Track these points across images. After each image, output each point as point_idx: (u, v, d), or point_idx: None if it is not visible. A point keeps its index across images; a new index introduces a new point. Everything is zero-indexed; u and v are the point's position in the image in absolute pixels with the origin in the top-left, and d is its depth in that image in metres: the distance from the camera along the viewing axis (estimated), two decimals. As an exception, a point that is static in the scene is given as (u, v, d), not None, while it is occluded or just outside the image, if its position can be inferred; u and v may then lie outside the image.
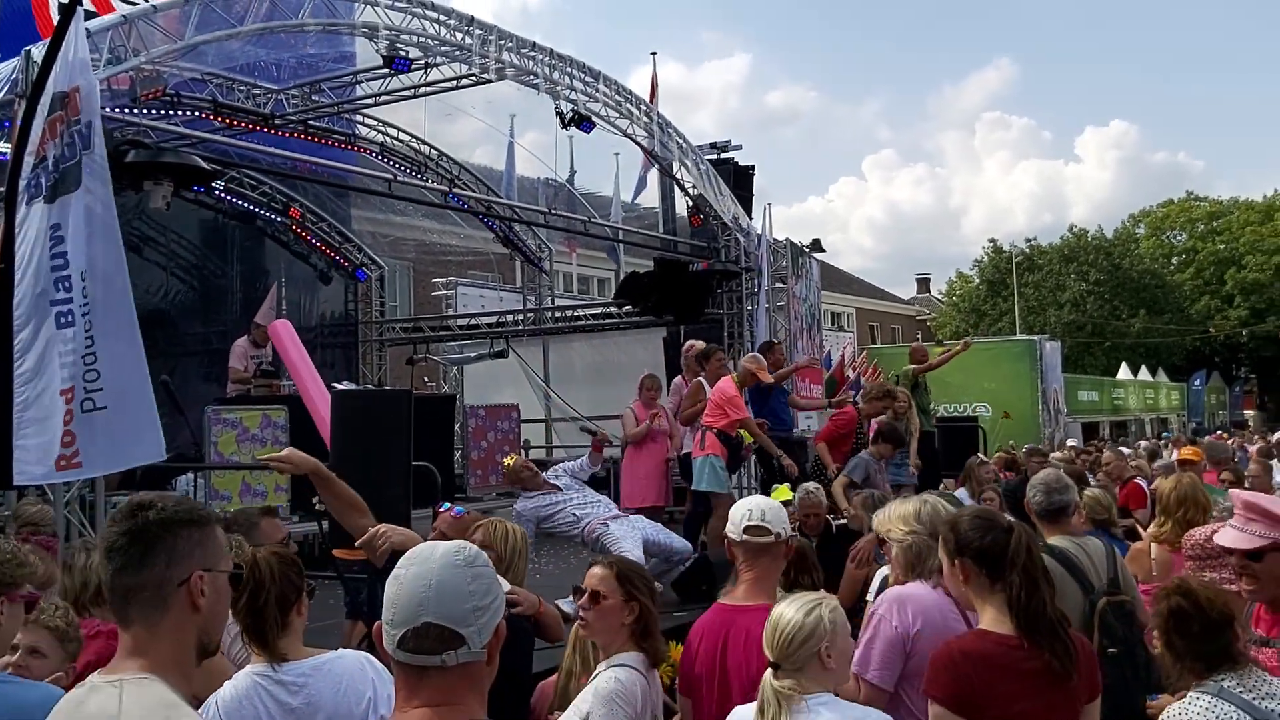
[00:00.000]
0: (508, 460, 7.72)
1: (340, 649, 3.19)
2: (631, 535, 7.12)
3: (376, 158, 14.54)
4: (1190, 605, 2.99)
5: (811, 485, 6.97)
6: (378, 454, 6.48)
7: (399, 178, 12.74)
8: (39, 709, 2.15)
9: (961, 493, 8.43)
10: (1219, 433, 26.72)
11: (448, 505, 4.95)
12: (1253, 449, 14.89)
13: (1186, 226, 55.83)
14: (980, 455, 12.21)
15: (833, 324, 39.47)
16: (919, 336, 41.42)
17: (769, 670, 2.92)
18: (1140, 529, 7.88)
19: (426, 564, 1.87)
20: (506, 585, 2.81)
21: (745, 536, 3.68)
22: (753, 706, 2.97)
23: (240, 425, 10.12)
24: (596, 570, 3.63)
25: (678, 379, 10.23)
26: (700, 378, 9.26)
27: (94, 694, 1.94)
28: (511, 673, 3.16)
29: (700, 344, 9.94)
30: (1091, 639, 4.48)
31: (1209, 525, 4.81)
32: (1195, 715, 2.91)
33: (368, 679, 2.96)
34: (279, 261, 16.08)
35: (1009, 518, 3.19)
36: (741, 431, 8.44)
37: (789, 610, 2.98)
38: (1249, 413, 49.40)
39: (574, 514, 7.32)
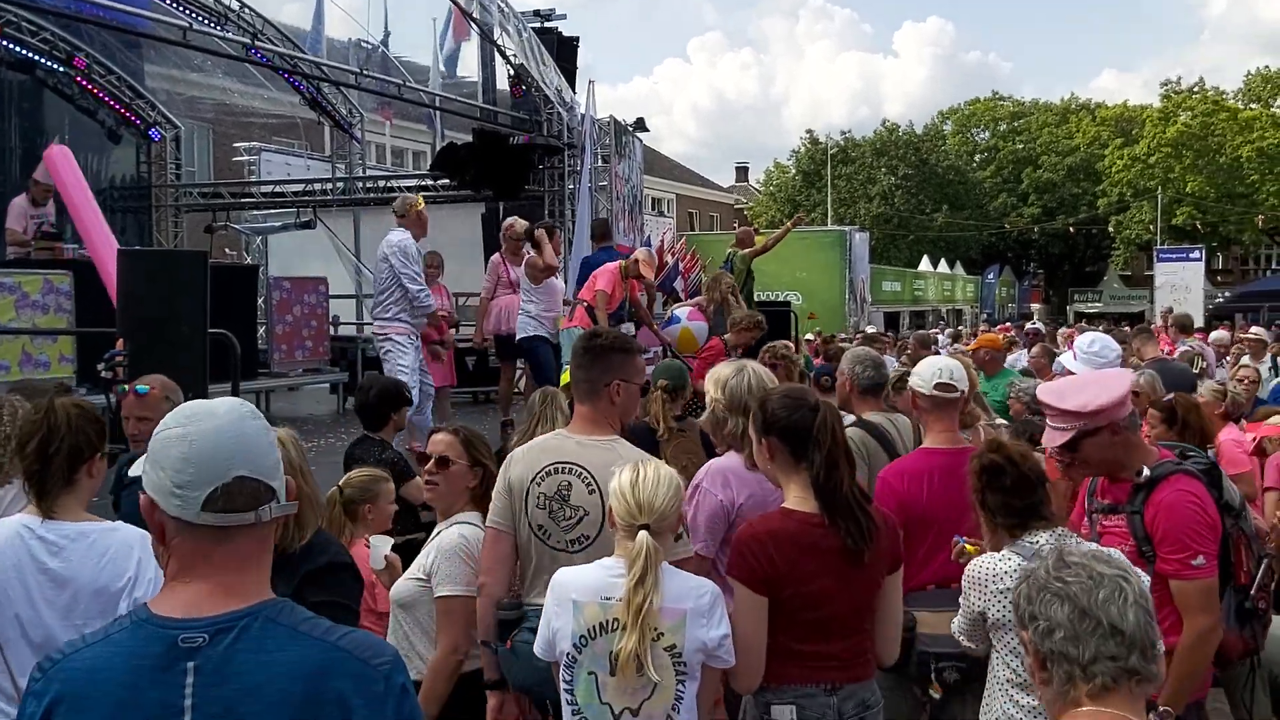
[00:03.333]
0: None
1: (119, 523, 2.94)
2: None
3: (171, 4, 13.35)
4: (1003, 460, 3.14)
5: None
6: (169, 321, 6.02)
7: (194, 27, 11.74)
8: None
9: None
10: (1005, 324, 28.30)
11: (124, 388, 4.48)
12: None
13: (990, 125, 58.30)
14: (787, 342, 12.49)
15: (653, 209, 39.55)
16: (736, 225, 42.03)
17: (644, 531, 2.82)
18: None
19: (216, 418, 1.67)
20: None
21: (935, 392, 4.02)
22: (574, 570, 2.96)
23: (19, 290, 9.27)
24: (442, 436, 3.68)
25: (495, 256, 9.96)
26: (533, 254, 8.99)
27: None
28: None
29: (521, 221, 9.67)
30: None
31: None
32: (1006, 574, 3.03)
33: (134, 558, 2.77)
34: (62, 116, 14.78)
35: (817, 396, 3.18)
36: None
37: (664, 474, 2.93)
38: (1035, 306, 52.76)
39: None
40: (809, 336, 13.77)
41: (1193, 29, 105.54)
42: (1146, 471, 3.13)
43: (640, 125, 15.99)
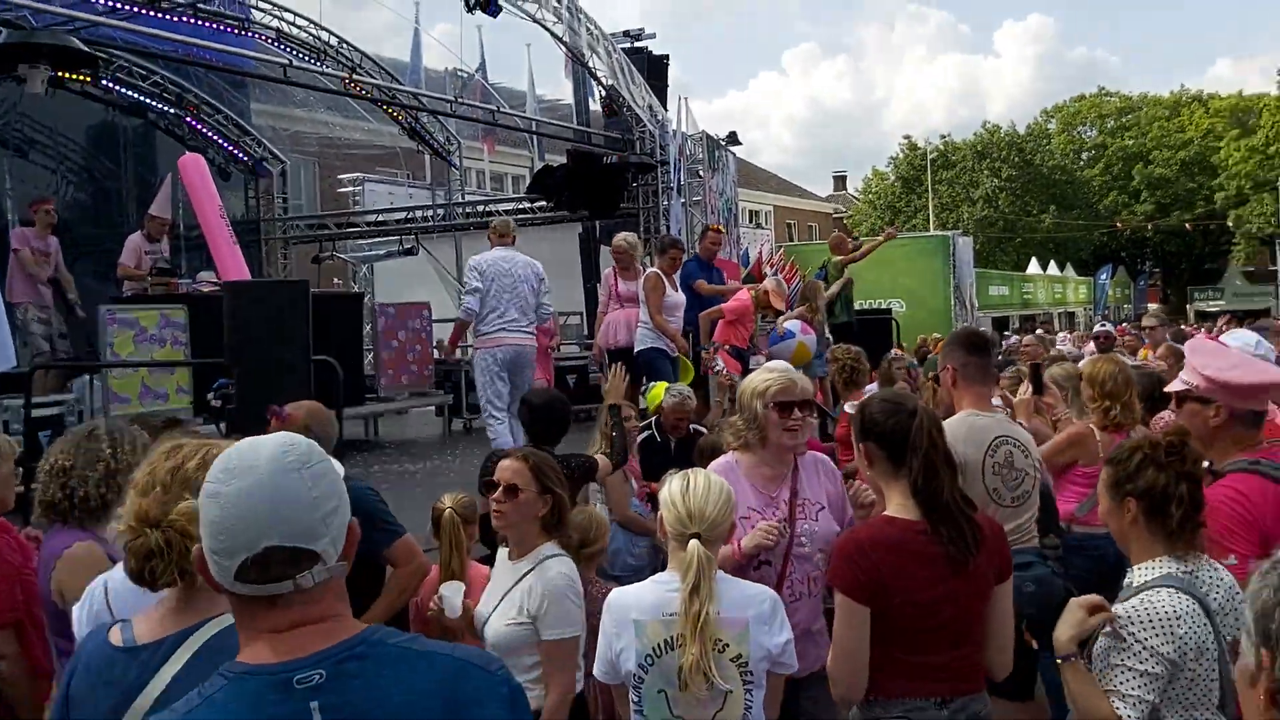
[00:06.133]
0: None
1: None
2: None
3: (272, 43, 13.84)
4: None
5: (687, 390, 6.86)
6: (275, 349, 6.18)
7: (294, 64, 12.14)
8: None
9: (872, 387, 8.45)
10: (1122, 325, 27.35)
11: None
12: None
13: (1097, 122, 56.65)
14: (896, 350, 12.31)
15: (750, 221, 39.41)
16: (834, 233, 41.61)
17: (694, 541, 2.81)
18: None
19: (253, 474, 1.52)
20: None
21: None
22: (631, 589, 2.94)
23: (137, 325, 9.65)
24: (509, 463, 3.48)
25: (607, 271, 9.98)
26: (655, 269, 9.01)
27: None
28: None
29: (631, 236, 9.69)
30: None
31: None
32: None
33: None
34: (173, 157, 15.28)
35: (917, 401, 3.09)
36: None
37: (714, 483, 2.94)
38: (1152, 306, 50.87)
39: None
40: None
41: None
42: (1206, 464, 2.94)
43: (733, 139, 15.96)
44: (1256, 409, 3.13)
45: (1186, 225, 49.13)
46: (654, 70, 14.15)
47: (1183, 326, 23.62)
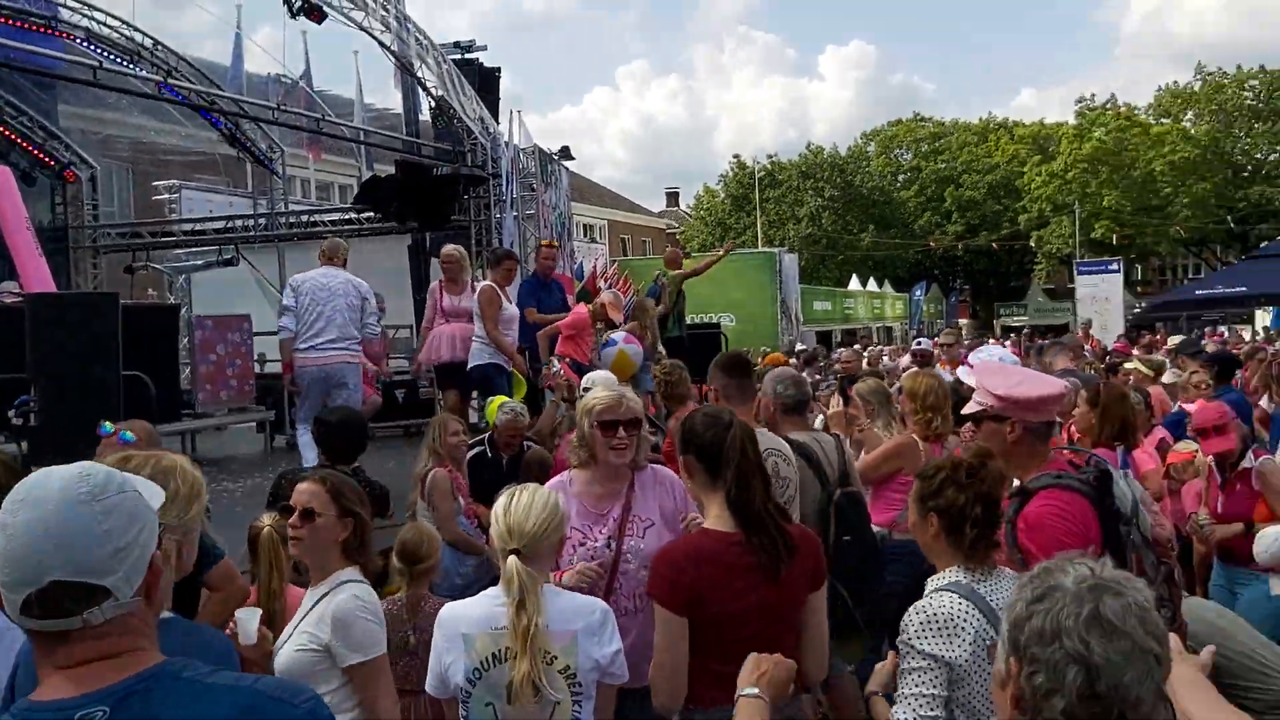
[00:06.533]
0: None
1: None
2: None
3: (82, 43, 13.12)
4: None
5: (519, 407, 6.88)
6: (82, 364, 5.88)
7: (105, 66, 11.55)
8: None
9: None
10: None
11: (108, 428, 4.13)
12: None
13: (912, 146, 59.48)
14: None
15: (584, 235, 39.61)
16: (669, 249, 42.23)
17: (513, 557, 2.82)
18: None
19: (40, 506, 1.47)
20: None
21: None
22: (463, 604, 2.94)
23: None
24: (305, 486, 3.28)
25: (433, 285, 9.83)
26: (490, 283, 8.88)
27: None
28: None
29: (458, 249, 9.57)
30: (829, 529, 4.69)
31: None
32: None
33: None
34: (-28, 160, 14.37)
35: (733, 414, 3.17)
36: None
37: (538, 499, 2.93)
38: (963, 321, 53.62)
39: None
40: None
41: (1107, 47, 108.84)
42: (1016, 482, 3.12)
43: (566, 153, 16.02)
44: (1047, 421, 3.31)
45: (993, 245, 52.03)
46: (485, 82, 14.08)
47: (990, 341, 25.00)
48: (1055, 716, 1.55)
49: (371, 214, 14.30)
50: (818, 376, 12.47)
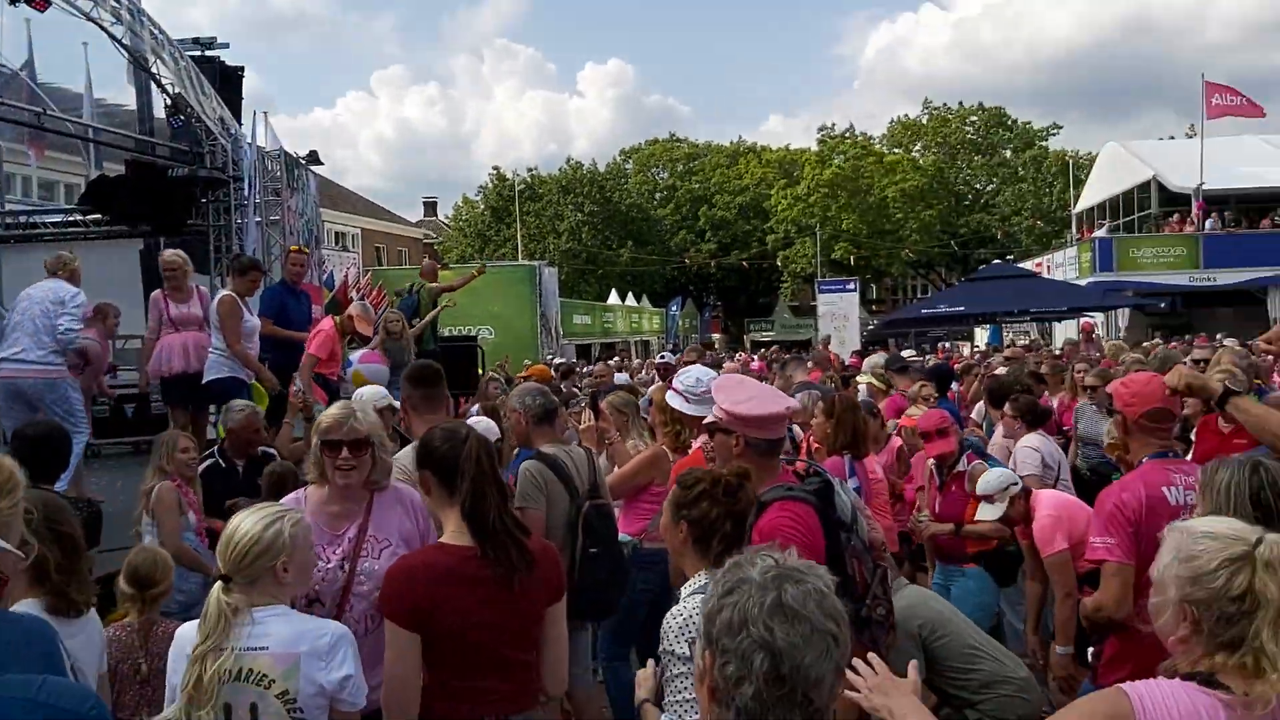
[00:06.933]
0: None
1: None
2: None
3: None
4: None
5: (250, 404, 6.60)
6: None
7: None
8: None
9: (476, 409, 8.49)
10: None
11: None
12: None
13: (669, 165, 61.33)
14: (490, 371, 12.54)
15: (336, 243, 38.35)
16: (426, 260, 41.57)
17: (218, 583, 2.73)
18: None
19: None
20: None
21: None
22: (195, 624, 2.81)
23: None
24: None
25: (155, 294, 9.21)
26: (230, 293, 8.33)
27: None
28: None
29: (179, 254, 9.00)
30: (577, 541, 4.71)
31: None
32: None
33: None
34: None
35: (470, 429, 3.15)
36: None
37: (247, 522, 2.82)
38: (715, 335, 55.62)
39: None
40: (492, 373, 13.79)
41: (847, 78, 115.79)
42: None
43: (314, 158, 15.44)
44: (769, 438, 3.45)
45: (744, 263, 54.33)
46: (227, 81, 13.37)
47: (740, 355, 26.03)
48: (746, 704, 1.62)
49: (99, 215, 13.30)
50: (575, 389, 12.58)
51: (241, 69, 13.80)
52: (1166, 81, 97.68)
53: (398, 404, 5.80)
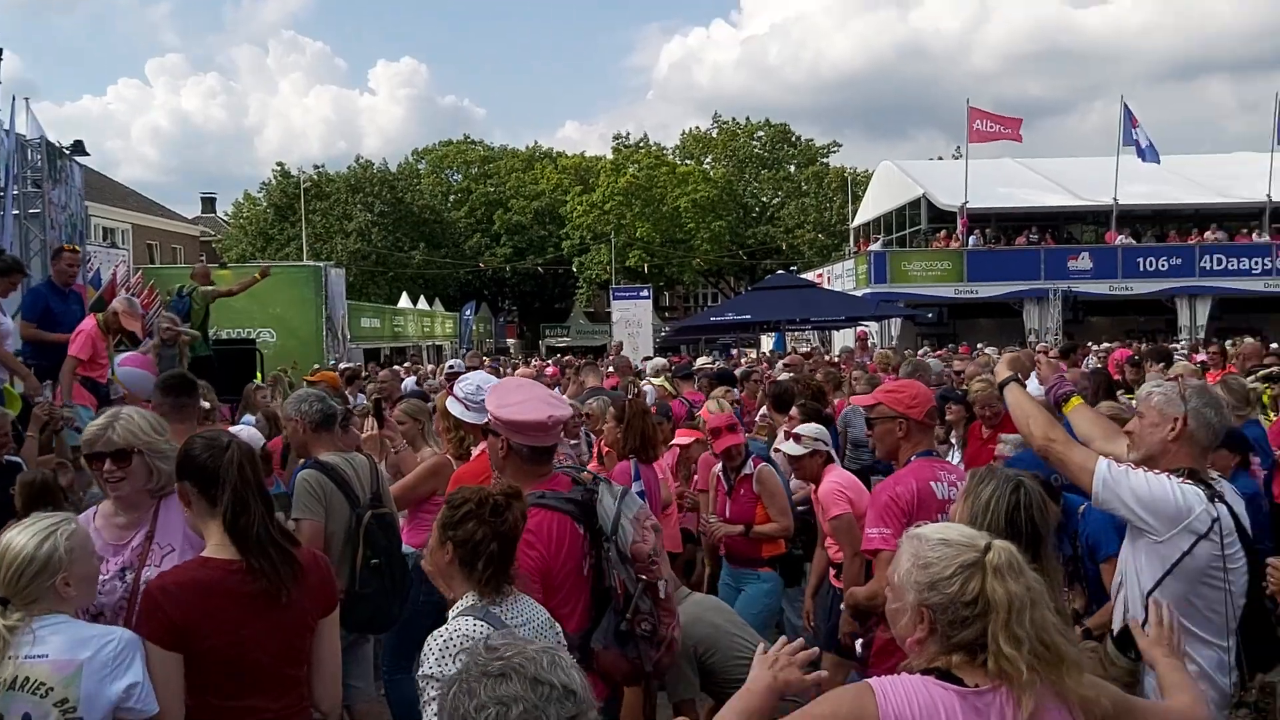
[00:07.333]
0: None
1: None
2: None
3: None
4: None
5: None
6: None
7: None
8: None
9: (248, 419, 8.13)
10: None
11: None
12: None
13: (463, 168, 60.70)
14: (257, 381, 11.98)
15: (105, 239, 35.96)
16: (203, 258, 39.56)
17: None
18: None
19: None
20: None
21: None
22: None
23: None
24: None
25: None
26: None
27: None
28: None
29: None
30: (358, 551, 4.60)
31: None
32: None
33: None
34: None
35: (233, 437, 3.03)
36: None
37: (20, 539, 2.67)
38: (511, 341, 55.44)
39: None
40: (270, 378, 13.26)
41: (642, 89, 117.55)
42: None
43: (79, 148, 14.46)
44: (532, 444, 3.43)
45: (539, 268, 54.37)
46: (-20, 62, 12.39)
47: (538, 360, 26.05)
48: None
49: None
50: (360, 395, 12.24)
51: (-2, 50, 12.78)
52: (938, 105, 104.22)
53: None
